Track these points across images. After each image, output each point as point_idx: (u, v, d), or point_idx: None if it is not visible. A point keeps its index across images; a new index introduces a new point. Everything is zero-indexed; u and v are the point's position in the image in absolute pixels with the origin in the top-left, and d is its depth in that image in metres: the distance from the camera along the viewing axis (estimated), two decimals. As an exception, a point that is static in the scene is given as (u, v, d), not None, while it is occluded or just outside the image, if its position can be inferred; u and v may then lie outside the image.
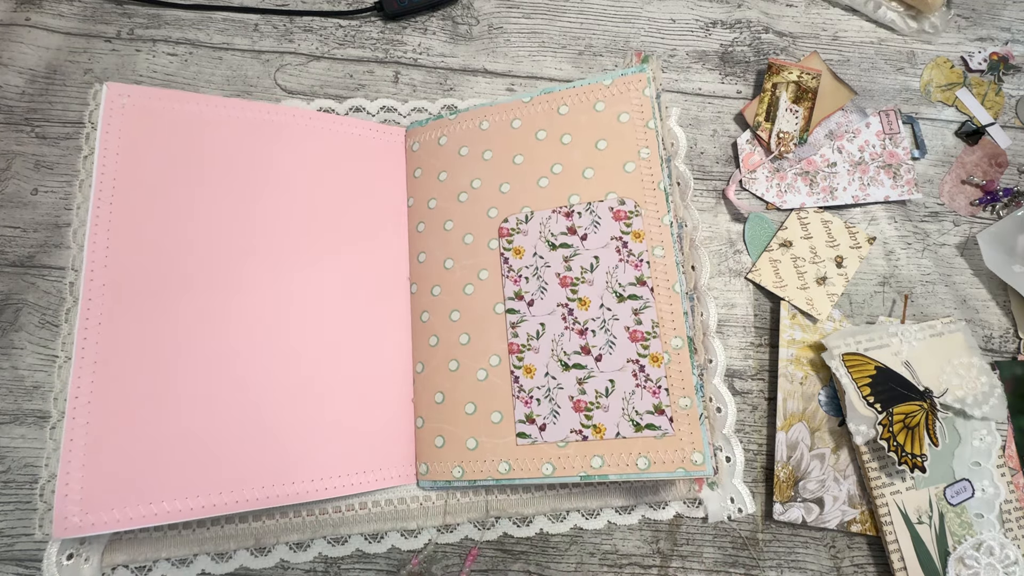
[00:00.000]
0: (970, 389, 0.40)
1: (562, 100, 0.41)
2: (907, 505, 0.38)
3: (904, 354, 0.40)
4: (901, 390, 0.39)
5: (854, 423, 0.39)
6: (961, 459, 0.39)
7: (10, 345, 0.39)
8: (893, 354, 0.40)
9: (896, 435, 0.38)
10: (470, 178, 0.41)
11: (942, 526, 0.38)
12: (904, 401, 0.39)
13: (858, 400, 0.39)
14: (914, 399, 0.39)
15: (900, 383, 0.39)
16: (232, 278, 0.37)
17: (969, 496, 0.39)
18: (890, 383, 0.39)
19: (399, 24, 0.49)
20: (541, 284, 0.38)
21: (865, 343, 0.41)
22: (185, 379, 0.34)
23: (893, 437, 0.38)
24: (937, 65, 0.51)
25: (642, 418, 0.35)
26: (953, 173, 0.49)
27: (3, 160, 0.42)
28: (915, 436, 0.38)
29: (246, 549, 0.36)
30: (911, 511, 0.38)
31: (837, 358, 0.40)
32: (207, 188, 0.38)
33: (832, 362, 0.40)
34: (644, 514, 0.39)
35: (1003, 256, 0.45)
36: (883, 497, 0.39)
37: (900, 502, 0.38)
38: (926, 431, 0.38)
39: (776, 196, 0.46)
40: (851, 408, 0.39)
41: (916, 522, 0.38)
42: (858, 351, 0.40)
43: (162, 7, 0.47)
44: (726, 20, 0.51)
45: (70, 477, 0.31)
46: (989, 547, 0.38)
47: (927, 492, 0.39)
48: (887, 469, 0.39)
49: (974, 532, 0.38)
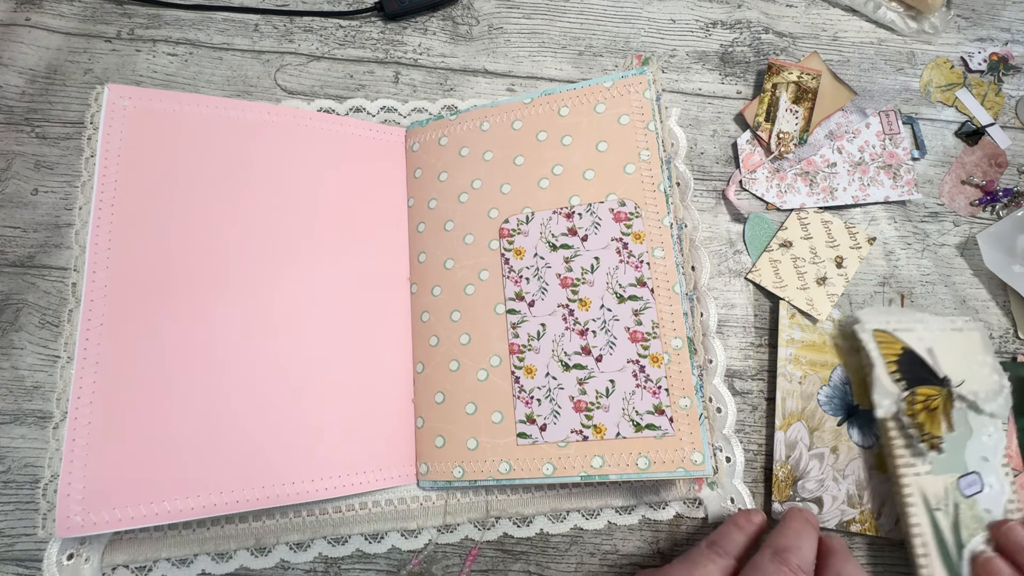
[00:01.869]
0: (982, 385, 0.40)
1: (563, 101, 0.41)
2: (927, 490, 0.38)
3: (927, 341, 0.41)
4: (923, 373, 0.40)
5: (878, 396, 0.39)
6: (972, 452, 0.40)
7: (10, 345, 0.39)
8: (918, 339, 0.41)
9: (917, 413, 0.38)
10: (471, 178, 0.41)
11: (956, 516, 0.38)
12: (926, 384, 0.39)
13: (885, 375, 0.39)
14: (934, 384, 0.40)
15: (923, 367, 0.40)
16: (233, 278, 0.37)
17: (979, 490, 0.39)
18: (915, 365, 0.40)
19: (399, 24, 0.49)
20: (542, 285, 0.38)
21: (894, 324, 0.41)
22: (186, 379, 0.34)
23: (916, 415, 0.38)
24: (937, 65, 0.51)
25: (642, 418, 0.35)
26: (953, 173, 0.49)
27: (3, 160, 0.42)
28: (935, 418, 0.39)
29: (246, 549, 0.36)
30: (930, 496, 0.38)
31: (868, 332, 0.41)
32: (208, 189, 0.38)
33: (863, 335, 0.41)
34: (644, 514, 0.39)
35: (1003, 256, 0.45)
36: (907, 478, 0.38)
37: (921, 486, 0.38)
38: (943, 415, 0.39)
39: (776, 196, 0.46)
40: (877, 382, 0.39)
41: (935, 508, 0.38)
42: (888, 330, 0.41)
43: (162, 7, 0.47)
44: (726, 20, 0.51)
45: (72, 477, 0.31)
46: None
47: (943, 480, 0.39)
48: (913, 450, 0.39)
49: (984, 528, 0.38)
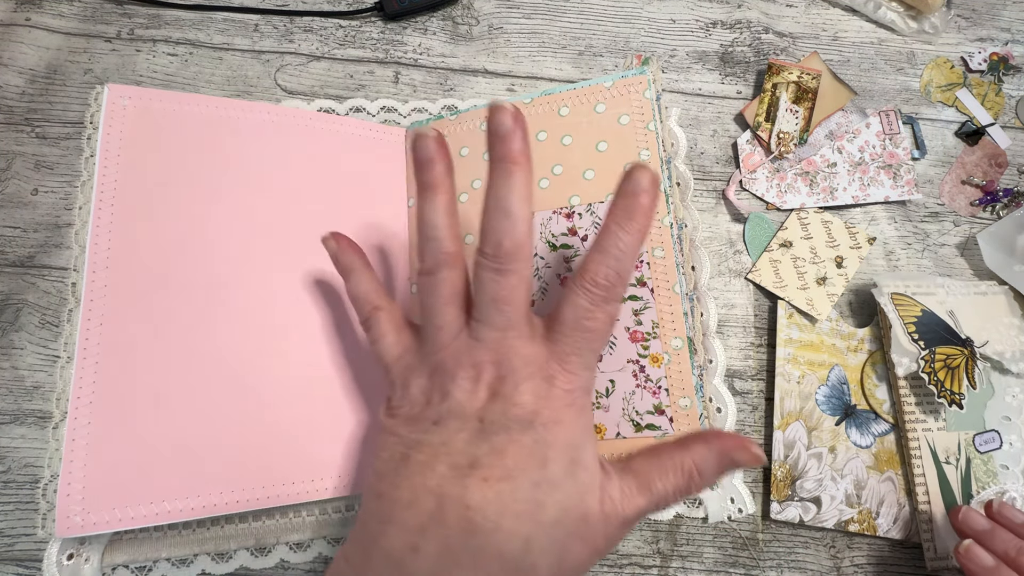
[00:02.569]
0: (1009, 345, 0.41)
1: (563, 101, 0.41)
2: (937, 443, 0.40)
3: (949, 304, 0.42)
4: (944, 334, 0.41)
5: (897, 355, 0.40)
6: (993, 411, 0.41)
7: (10, 345, 0.39)
8: (939, 302, 0.42)
9: (937, 371, 0.39)
10: (470, 178, 0.41)
11: (968, 469, 0.40)
12: (946, 344, 0.41)
13: (903, 335, 0.41)
14: (955, 344, 0.41)
15: (944, 328, 0.41)
16: (232, 278, 0.37)
17: (997, 447, 0.40)
18: (934, 326, 0.41)
19: (399, 24, 0.49)
20: (542, 285, 0.38)
21: (913, 288, 0.42)
22: (186, 379, 0.34)
23: (934, 373, 0.39)
24: (937, 65, 0.51)
25: (642, 418, 0.35)
26: (953, 173, 0.49)
27: (3, 160, 0.42)
28: (955, 376, 0.40)
29: (246, 549, 0.36)
30: (940, 450, 0.40)
31: (886, 295, 0.42)
32: (207, 189, 0.38)
33: (881, 298, 0.42)
34: (644, 514, 0.39)
35: (1004, 255, 0.45)
36: (915, 432, 0.40)
37: (931, 439, 0.40)
38: (965, 373, 0.40)
39: (776, 196, 0.46)
40: (895, 341, 0.41)
41: (944, 461, 0.40)
42: (906, 294, 0.42)
43: (162, 7, 0.47)
44: (726, 20, 0.51)
45: (72, 477, 0.31)
46: (1012, 497, 0.40)
47: (957, 436, 0.40)
48: (923, 407, 0.41)
49: (998, 481, 0.40)
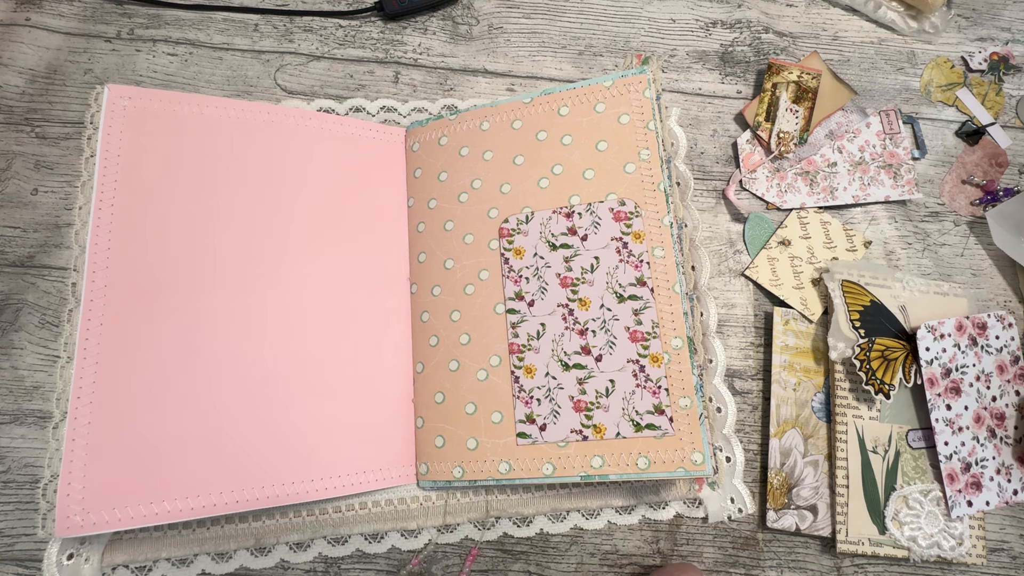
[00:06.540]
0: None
1: (563, 101, 0.41)
2: (866, 432, 0.40)
3: (903, 299, 0.42)
4: (888, 326, 0.41)
5: (833, 339, 0.41)
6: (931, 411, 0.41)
7: (10, 345, 0.39)
8: (892, 296, 0.42)
9: (871, 361, 0.40)
10: (471, 178, 0.41)
11: (896, 462, 0.40)
12: (888, 336, 0.41)
13: (844, 321, 0.41)
14: (898, 338, 0.41)
15: (890, 321, 0.41)
16: (232, 278, 0.37)
17: (929, 446, 0.40)
18: (880, 317, 0.41)
19: (399, 24, 0.49)
20: (541, 284, 0.38)
21: (868, 279, 0.43)
22: (186, 379, 0.34)
23: (868, 362, 0.40)
24: (937, 65, 0.51)
25: (642, 418, 0.35)
26: (953, 173, 0.49)
27: (3, 160, 0.42)
28: (890, 368, 0.40)
29: (246, 549, 0.36)
30: (868, 438, 0.40)
31: (836, 280, 0.42)
32: (207, 189, 0.38)
33: (831, 284, 0.42)
34: (644, 514, 0.39)
35: (1012, 235, 0.45)
36: (844, 416, 0.41)
37: (860, 427, 0.40)
38: (902, 367, 0.40)
39: (776, 196, 0.46)
40: (834, 325, 0.41)
41: (871, 450, 0.40)
42: (859, 283, 0.42)
43: (162, 7, 0.47)
44: (726, 20, 0.51)
45: (72, 477, 0.31)
46: (937, 497, 0.39)
47: (890, 428, 0.41)
48: (856, 393, 0.41)
49: (926, 480, 0.40)
